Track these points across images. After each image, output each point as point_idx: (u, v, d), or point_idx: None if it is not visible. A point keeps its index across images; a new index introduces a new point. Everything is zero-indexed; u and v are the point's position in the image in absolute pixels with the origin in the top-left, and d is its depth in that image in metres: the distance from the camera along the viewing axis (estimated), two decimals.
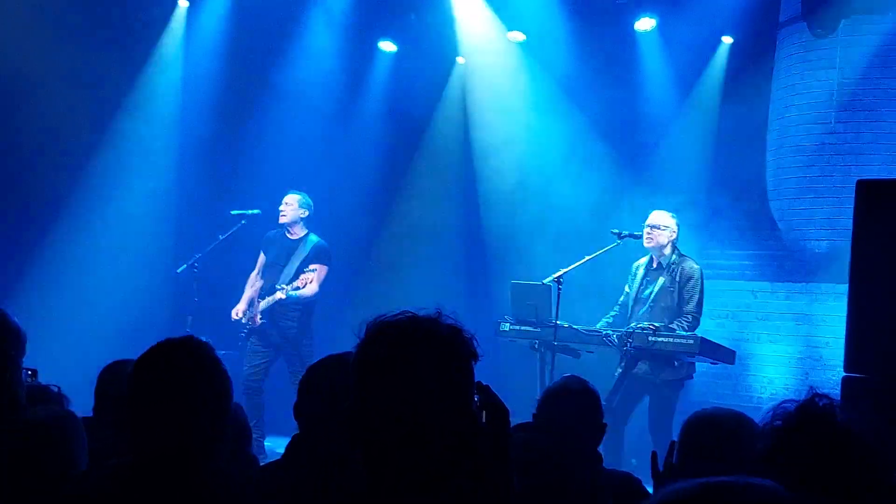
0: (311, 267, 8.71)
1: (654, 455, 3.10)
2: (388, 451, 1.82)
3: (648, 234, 8.09)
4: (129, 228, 9.87)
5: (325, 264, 8.88)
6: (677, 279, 8.00)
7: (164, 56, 10.35)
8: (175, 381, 2.57)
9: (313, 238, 8.98)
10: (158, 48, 10.34)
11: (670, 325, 7.72)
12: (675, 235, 8.14)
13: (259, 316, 8.79)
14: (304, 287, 8.60)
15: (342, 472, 1.93)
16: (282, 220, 8.95)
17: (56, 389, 4.11)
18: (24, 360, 3.49)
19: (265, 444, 8.59)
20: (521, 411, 4.23)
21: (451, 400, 1.83)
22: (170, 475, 2.49)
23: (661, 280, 8.05)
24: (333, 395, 2.68)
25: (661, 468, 3.07)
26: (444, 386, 1.83)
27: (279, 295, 8.63)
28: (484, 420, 1.92)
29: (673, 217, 8.19)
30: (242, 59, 10.47)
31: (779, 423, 2.15)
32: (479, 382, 1.94)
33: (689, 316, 7.90)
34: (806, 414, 2.14)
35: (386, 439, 1.82)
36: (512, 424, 3.83)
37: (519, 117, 11.04)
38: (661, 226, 8.10)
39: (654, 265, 8.19)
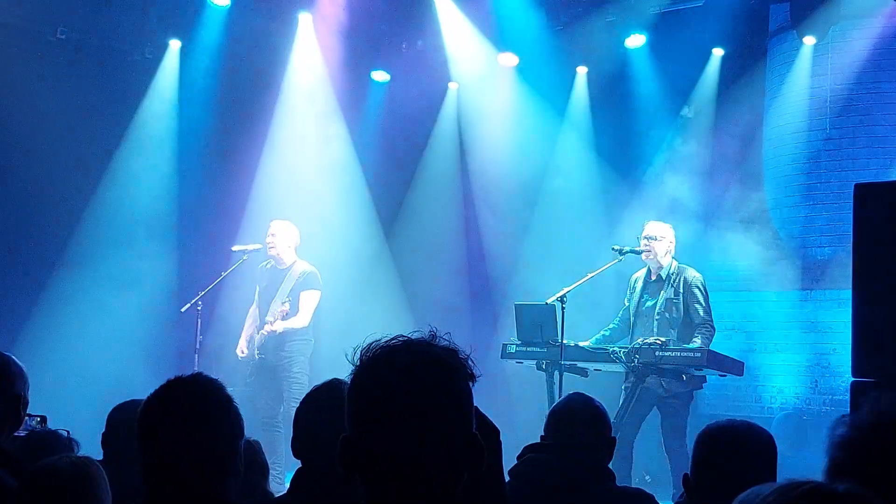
0: (303, 295, 8.67)
1: (685, 477, 3.10)
2: (389, 480, 1.77)
3: (646, 245, 8.00)
4: (131, 268, 9.85)
5: (316, 289, 8.78)
6: (680, 290, 7.90)
7: (159, 96, 10.39)
8: (186, 419, 2.52)
9: (302, 265, 8.85)
10: (153, 88, 10.37)
11: (694, 338, 7.63)
12: (672, 246, 8.07)
13: (257, 351, 8.71)
14: (294, 315, 8.58)
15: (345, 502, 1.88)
16: (270, 251, 8.83)
17: (66, 434, 4.10)
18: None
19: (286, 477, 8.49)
20: (530, 433, 4.22)
21: (450, 423, 1.80)
22: None
23: (663, 292, 7.97)
24: (326, 426, 2.65)
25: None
26: (443, 409, 1.79)
27: (269, 327, 8.57)
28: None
29: (669, 227, 8.14)
30: (236, 94, 10.49)
31: (844, 430, 2.05)
32: None
33: (702, 327, 7.75)
34: (881, 414, 2.04)
35: (385, 468, 1.77)
36: (522, 446, 3.84)
37: (513, 138, 11.07)
38: (658, 236, 7.99)
39: (654, 277, 8.09)
